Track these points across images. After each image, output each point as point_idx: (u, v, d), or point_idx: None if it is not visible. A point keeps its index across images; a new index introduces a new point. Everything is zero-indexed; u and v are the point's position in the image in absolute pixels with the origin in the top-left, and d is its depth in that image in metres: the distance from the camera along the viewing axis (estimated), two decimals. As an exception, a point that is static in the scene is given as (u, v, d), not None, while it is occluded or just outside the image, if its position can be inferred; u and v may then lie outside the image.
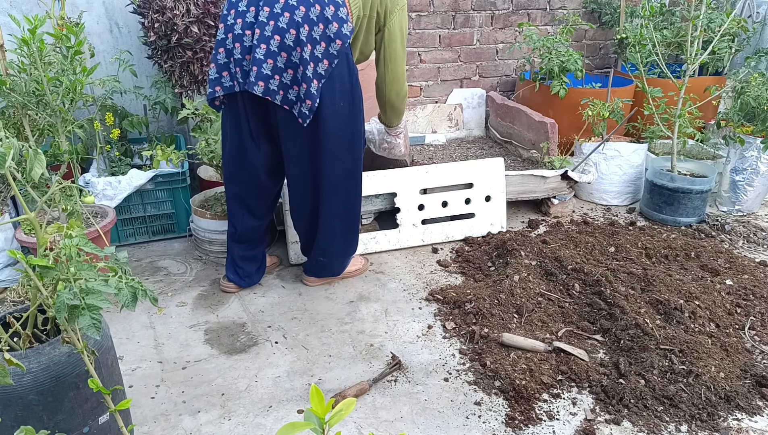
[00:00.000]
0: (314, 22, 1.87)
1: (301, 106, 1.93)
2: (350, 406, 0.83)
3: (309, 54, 1.88)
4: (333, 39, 1.89)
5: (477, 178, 2.84)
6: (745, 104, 2.96)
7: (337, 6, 1.90)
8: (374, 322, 2.22)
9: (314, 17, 1.87)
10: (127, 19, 3.04)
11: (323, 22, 1.88)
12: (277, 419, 1.73)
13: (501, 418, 1.74)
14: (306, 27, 1.87)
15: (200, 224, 2.67)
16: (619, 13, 3.94)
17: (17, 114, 2.35)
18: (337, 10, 1.89)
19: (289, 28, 1.86)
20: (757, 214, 3.21)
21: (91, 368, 1.17)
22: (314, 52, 1.89)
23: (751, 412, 1.75)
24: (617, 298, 2.19)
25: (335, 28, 1.88)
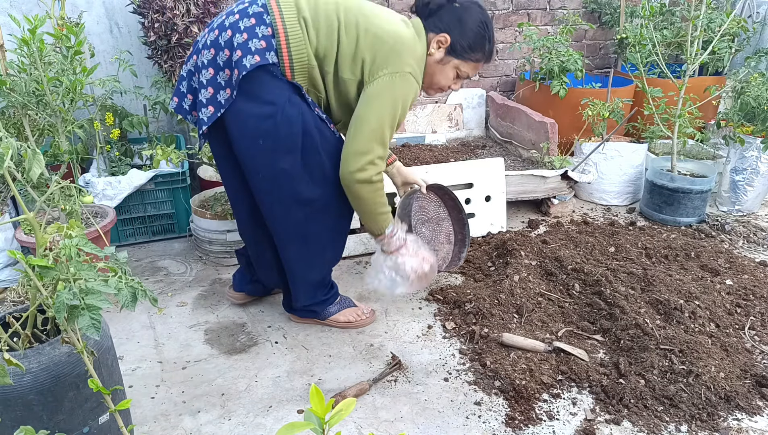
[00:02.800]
0: (221, 48, 1.70)
1: (200, 113, 1.77)
2: (350, 406, 0.83)
3: (210, 77, 1.73)
4: (233, 68, 1.68)
5: (477, 178, 2.83)
6: (745, 104, 2.96)
7: (254, 36, 1.67)
8: (374, 322, 2.22)
9: (223, 42, 1.70)
10: (127, 19, 3.04)
11: (229, 48, 1.68)
12: (277, 419, 1.73)
13: (501, 418, 1.74)
14: (212, 51, 1.72)
15: (200, 224, 2.67)
16: (619, 13, 3.94)
17: (17, 114, 2.35)
18: (249, 39, 1.66)
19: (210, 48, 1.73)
20: (757, 214, 3.21)
21: (91, 368, 1.17)
22: (216, 78, 1.72)
23: (751, 412, 1.75)
24: (617, 298, 2.19)
25: (237, 56, 1.67)
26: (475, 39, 1.81)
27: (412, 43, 1.76)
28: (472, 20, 1.79)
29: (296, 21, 1.69)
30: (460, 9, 1.80)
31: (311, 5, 1.72)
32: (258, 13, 1.69)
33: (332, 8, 1.73)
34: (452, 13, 1.80)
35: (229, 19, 1.71)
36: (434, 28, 1.80)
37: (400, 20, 1.82)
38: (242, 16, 1.69)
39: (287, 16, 1.69)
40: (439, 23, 1.80)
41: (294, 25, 1.68)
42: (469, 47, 1.81)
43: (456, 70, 1.85)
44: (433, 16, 1.82)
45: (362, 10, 1.75)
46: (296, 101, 1.74)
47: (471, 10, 1.81)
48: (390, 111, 1.72)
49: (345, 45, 1.72)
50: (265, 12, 1.69)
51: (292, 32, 1.68)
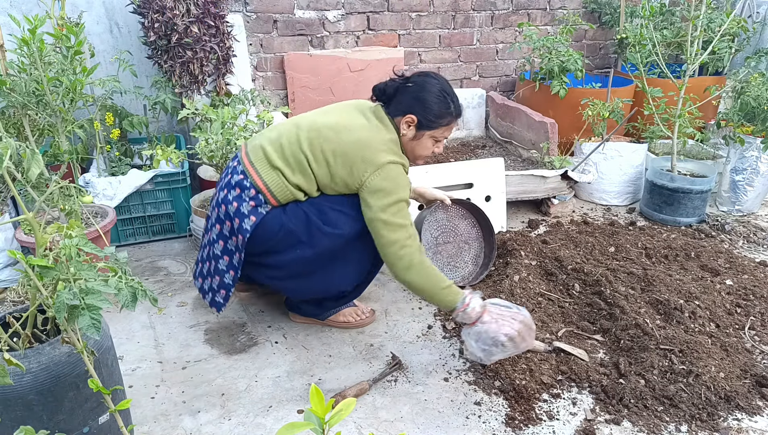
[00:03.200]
0: (222, 221, 1.93)
1: (214, 296, 2.01)
2: (350, 406, 0.83)
3: (221, 248, 1.95)
4: (236, 234, 1.89)
5: (477, 178, 2.83)
6: (745, 104, 2.96)
7: (242, 202, 1.86)
8: (374, 322, 2.22)
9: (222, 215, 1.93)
10: (127, 19, 3.04)
11: (228, 219, 1.90)
12: (277, 419, 1.73)
13: (501, 418, 1.74)
14: (218, 226, 1.95)
15: (200, 224, 2.66)
16: (619, 13, 3.94)
17: (17, 114, 2.35)
18: (240, 205, 1.86)
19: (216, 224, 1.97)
20: (757, 214, 3.21)
21: (91, 368, 1.17)
22: (227, 246, 1.94)
23: (751, 412, 1.75)
24: (617, 298, 2.19)
25: (236, 224, 1.88)
26: (438, 108, 1.86)
27: (377, 136, 1.84)
28: (430, 94, 1.86)
29: (271, 170, 1.86)
30: (415, 87, 1.87)
31: (277, 147, 1.87)
32: (239, 181, 1.88)
33: (296, 144, 1.85)
34: (409, 94, 1.87)
35: (220, 195, 1.93)
36: (398, 112, 1.88)
37: (359, 116, 1.90)
38: (228, 189, 1.90)
39: (262, 171, 1.86)
40: (400, 106, 1.88)
41: (271, 175, 1.85)
42: (435, 117, 1.87)
43: (432, 138, 1.91)
44: (393, 101, 1.90)
45: (322, 133, 1.85)
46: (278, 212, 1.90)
47: (426, 84, 1.87)
48: (390, 199, 1.79)
49: (320, 174, 1.85)
50: (244, 176, 1.88)
51: (272, 182, 1.85)
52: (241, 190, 1.87)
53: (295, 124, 1.91)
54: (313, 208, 1.89)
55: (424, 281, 1.80)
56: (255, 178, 1.86)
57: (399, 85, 1.90)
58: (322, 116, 1.92)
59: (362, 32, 3.64)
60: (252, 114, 3.02)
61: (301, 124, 1.89)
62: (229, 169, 1.96)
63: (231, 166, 1.97)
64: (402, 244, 1.79)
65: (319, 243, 1.88)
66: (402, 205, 1.82)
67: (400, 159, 1.86)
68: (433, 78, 1.90)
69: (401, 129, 1.89)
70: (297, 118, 1.95)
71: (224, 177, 1.97)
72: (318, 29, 3.51)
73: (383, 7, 3.63)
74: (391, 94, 1.90)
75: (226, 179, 1.93)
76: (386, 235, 1.79)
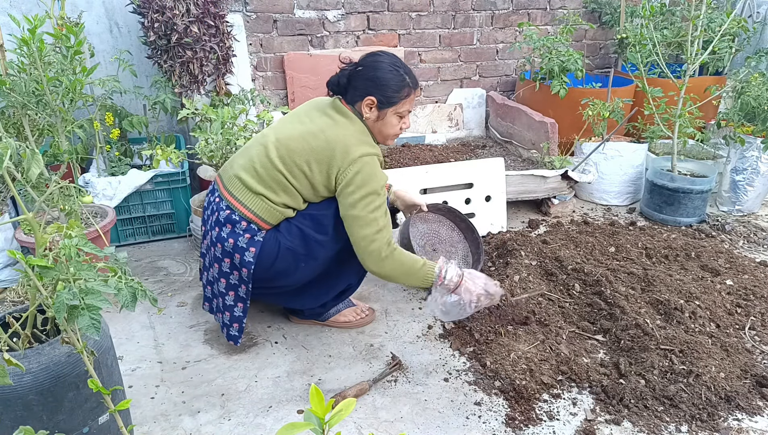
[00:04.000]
0: (221, 259, 1.92)
1: (228, 330, 2.00)
2: (350, 407, 0.83)
3: (224, 286, 1.95)
4: (240, 268, 1.89)
5: (477, 178, 2.83)
6: (746, 104, 2.95)
7: (238, 237, 1.86)
8: (374, 322, 2.22)
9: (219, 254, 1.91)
10: (126, 18, 3.04)
11: (228, 256, 1.90)
12: (277, 419, 1.73)
13: (501, 418, 1.74)
14: (216, 265, 1.94)
15: (200, 224, 2.66)
16: (619, 13, 3.94)
17: (17, 114, 2.35)
18: (236, 241, 1.86)
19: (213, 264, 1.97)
20: (757, 214, 3.20)
21: (91, 368, 1.17)
22: (230, 281, 1.93)
23: (751, 413, 1.74)
24: (617, 298, 2.19)
25: (237, 259, 1.87)
26: (394, 83, 1.85)
27: (344, 132, 1.84)
28: (382, 71, 1.84)
29: (254, 197, 1.86)
30: (366, 69, 1.86)
31: (253, 174, 1.87)
32: (227, 216, 1.87)
33: (269, 165, 1.84)
34: (362, 77, 1.86)
35: (212, 235, 1.91)
36: (356, 98, 1.88)
37: (321, 116, 1.89)
38: (220, 227, 1.89)
39: (246, 201, 1.86)
40: (356, 92, 1.87)
41: (256, 202, 1.86)
42: (393, 92, 1.85)
43: (396, 115, 1.90)
44: (348, 90, 1.89)
45: (290, 146, 1.84)
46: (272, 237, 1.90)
47: (375, 63, 1.86)
48: (361, 193, 1.80)
49: (301, 187, 1.86)
50: (231, 211, 1.87)
51: (259, 209, 1.86)
52: (232, 226, 1.86)
53: (262, 144, 1.89)
54: (304, 220, 1.90)
55: (398, 268, 1.86)
56: (242, 209, 1.85)
57: (350, 71, 1.87)
58: (285, 128, 1.90)
59: (362, 32, 3.63)
60: (252, 114, 3.02)
61: (268, 144, 1.87)
62: (212, 206, 1.94)
63: (213, 201, 1.95)
64: (371, 238, 1.81)
65: (319, 253, 1.91)
66: (372, 198, 1.81)
67: (372, 148, 1.86)
68: (381, 54, 1.89)
69: (363, 113, 1.87)
70: (261, 137, 1.92)
71: (209, 215, 1.95)
72: (318, 29, 3.51)
73: (383, 7, 3.63)
74: (344, 83, 1.88)
75: (214, 217, 1.91)
76: (356, 232, 1.82)
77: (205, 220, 2.01)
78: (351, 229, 1.83)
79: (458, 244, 2.52)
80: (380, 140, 1.95)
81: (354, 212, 1.80)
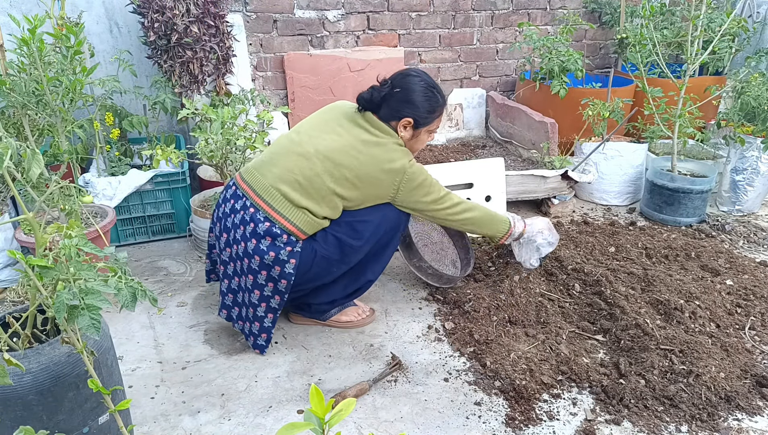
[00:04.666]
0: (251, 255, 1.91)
1: (255, 339, 2.01)
2: (350, 407, 0.83)
3: (258, 297, 1.95)
4: (277, 280, 1.91)
5: (477, 178, 2.83)
6: (746, 104, 2.95)
7: (277, 250, 1.86)
8: (374, 322, 2.22)
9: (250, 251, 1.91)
10: (126, 18, 3.04)
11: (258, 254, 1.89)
12: (277, 419, 1.73)
13: (501, 418, 1.74)
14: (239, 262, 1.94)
15: (200, 224, 2.66)
16: (619, 13, 3.93)
17: (17, 114, 2.35)
18: (277, 254, 1.86)
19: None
20: (757, 214, 3.20)
21: (91, 368, 1.17)
22: (263, 293, 1.93)
23: (751, 413, 1.74)
24: (617, 298, 2.18)
25: (277, 272, 1.88)
26: (429, 105, 1.93)
27: (387, 145, 1.91)
28: (417, 94, 1.91)
29: (297, 211, 1.86)
30: (402, 92, 1.91)
31: (296, 186, 1.86)
32: (267, 229, 1.85)
33: (317, 179, 1.86)
34: (398, 99, 1.91)
35: (249, 246, 1.87)
36: (392, 118, 1.93)
37: (357, 128, 1.92)
38: (258, 239, 1.86)
39: (289, 214, 1.86)
40: (392, 112, 1.92)
41: (298, 216, 1.87)
42: (428, 113, 1.94)
43: (427, 132, 2.01)
44: (382, 107, 1.93)
45: (336, 160, 1.86)
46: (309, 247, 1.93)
47: (410, 85, 1.91)
48: (426, 189, 1.97)
49: (351, 198, 1.91)
50: (271, 224, 1.85)
51: (302, 222, 1.87)
52: (272, 239, 1.85)
53: (300, 155, 1.88)
54: (339, 228, 1.93)
55: (483, 214, 2.12)
56: (284, 223, 1.85)
57: (386, 92, 1.91)
58: (321, 139, 1.90)
59: (362, 32, 3.63)
60: (252, 114, 3.02)
61: (308, 154, 1.87)
62: (241, 216, 1.89)
63: (240, 210, 1.90)
64: (457, 201, 2.04)
65: (352, 258, 1.98)
66: (434, 184, 2.00)
67: (410, 154, 1.97)
68: (415, 76, 1.93)
69: (399, 131, 1.95)
70: (295, 146, 1.91)
71: (238, 224, 1.90)
72: (318, 29, 3.51)
73: (383, 7, 3.63)
74: (378, 102, 1.91)
75: (249, 229, 1.87)
76: (445, 208, 2.02)
77: (228, 228, 1.94)
78: (441, 211, 2.01)
79: (447, 249, 2.57)
80: None
81: (435, 205, 1.99)
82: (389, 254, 2.11)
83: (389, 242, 2.06)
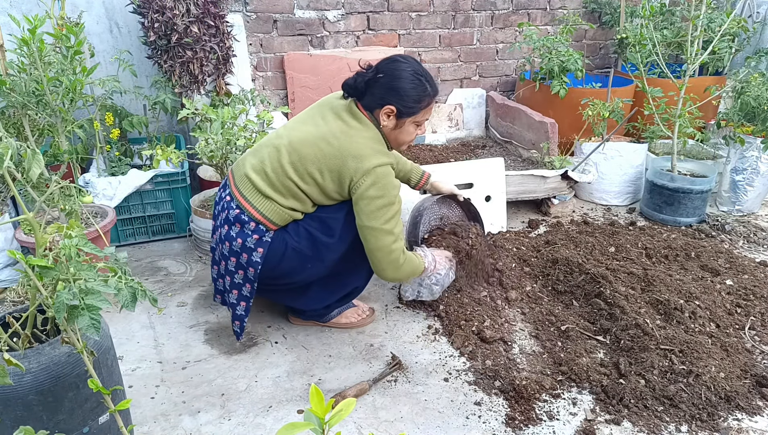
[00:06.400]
0: (228, 257, 1.93)
1: (233, 326, 2.03)
2: (350, 406, 0.83)
3: (229, 283, 1.97)
4: (246, 268, 1.91)
5: (477, 178, 2.83)
6: (746, 104, 2.95)
7: (246, 237, 1.86)
8: (374, 322, 2.22)
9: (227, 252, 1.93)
10: (126, 18, 3.04)
11: (234, 256, 1.91)
12: (277, 419, 1.73)
13: (501, 418, 1.74)
14: (223, 263, 1.97)
15: (200, 224, 2.66)
16: (619, 13, 3.93)
17: (17, 114, 2.35)
18: (244, 241, 1.87)
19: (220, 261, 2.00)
20: (757, 214, 3.20)
21: (91, 368, 1.17)
22: (234, 280, 1.95)
23: (751, 412, 1.74)
24: (617, 299, 2.18)
25: (244, 259, 1.89)
26: (416, 93, 1.80)
27: (359, 139, 1.81)
28: (403, 80, 1.79)
29: (264, 199, 1.86)
30: (387, 77, 1.80)
31: (263, 176, 1.86)
32: (237, 216, 1.87)
33: (280, 171, 1.84)
34: (382, 86, 1.80)
35: (222, 232, 1.92)
36: (374, 105, 1.83)
37: (335, 119, 1.85)
38: (229, 226, 1.89)
39: (256, 203, 1.86)
40: (375, 99, 1.82)
41: (265, 205, 1.86)
42: (414, 102, 1.81)
43: (413, 123, 1.88)
44: (366, 95, 1.83)
45: (302, 153, 1.82)
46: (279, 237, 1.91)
47: (397, 71, 1.80)
48: (377, 204, 1.80)
49: (311, 193, 1.86)
50: (240, 211, 1.87)
51: (268, 211, 1.86)
52: (241, 226, 1.87)
53: (274, 146, 1.87)
54: (312, 223, 1.91)
55: (409, 270, 1.97)
56: (251, 211, 1.86)
57: (369, 78, 1.81)
58: (298, 130, 1.87)
59: (362, 32, 3.63)
60: (252, 114, 3.02)
61: (281, 147, 1.85)
62: (222, 203, 1.95)
63: (223, 198, 1.95)
64: (389, 249, 1.86)
65: (326, 255, 1.92)
66: (388, 209, 1.82)
67: (386, 158, 1.84)
68: (403, 62, 1.82)
69: (381, 120, 1.84)
70: (276, 138, 1.90)
71: (220, 211, 1.96)
72: (318, 29, 3.51)
73: (383, 7, 3.63)
74: (362, 88, 1.82)
75: (224, 214, 1.92)
76: (373, 243, 1.85)
77: (215, 215, 2.01)
78: (368, 239, 1.85)
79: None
80: (394, 146, 1.94)
81: (370, 223, 1.81)
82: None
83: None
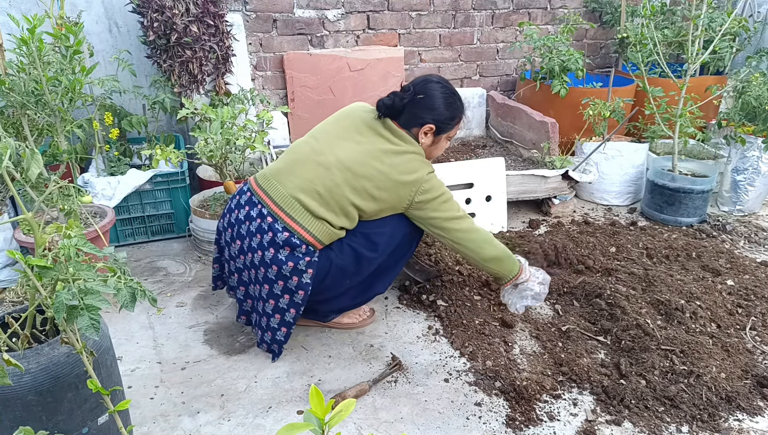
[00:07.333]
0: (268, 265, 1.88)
1: (269, 346, 2.00)
2: (350, 407, 0.83)
3: (272, 307, 1.93)
4: (294, 291, 1.88)
5: (477, 178, 2.83)
6: (746, 104, 2.95)
7: (296, 260, 1.84)
8: (374, 323, 2.21)
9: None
10: (126, 18, 3.03)
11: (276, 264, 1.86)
12: (277, 420, 1.73)
13: (501, 418, 1.73)
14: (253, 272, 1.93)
15: (199, 224, 2.66)
16: (619, 13, 3.93)
17: (16, 114, 2.35)
18: (296, 264, 1.84)
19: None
20: (758, 214, 3.20)
21: (90, 369, 1.17)
22: (278, 304, 1.91)
23: (752, 413, 1.74)
24: (618, 299, 2.18)
25: (295, 282, 1.86)
26: (451, 112, 1.93)
27: (407, 154, 1.89)
28: (439, 101, 1.90)
29: (316, 221, 1.84)
30: (425, 98, 1.90)
31: (315, 196, 1.84)
32: (286, 239, 1.81)
33: (336, 191, 1.84)
34: (420, 106, 1.89)
35: (266, 255, 1.84)
36: (412, 124, 1.91)
37: (377, 137, 1.90)
38: (276, 249, 1.83)
39: (308, 224, 1.83)
40: (414, 118, 1.91)
41: (317, 226, 1.84)
42: (449, 120, 1.94)
43: (446, 138, 2.01)
44: (402, 114, 1.91)
45: (356, 172, 1.84)
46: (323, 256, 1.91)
47: (431, 92, 1.90)
48: (441, 201, 1.93)
49: (367, 209, 1.88)
50: (290, 234, 1.82)
51: (320, 233, 1.85)
52: (291, 249, 1.82)
53: (319, 164, 1.85)
54: (356, 239, 1.93)
55: (503, 247, 2.04)
56: (303, 233, 1.82)
57: (408, 99, 1.89)
58: (341, 147, 1.87)
59: (362, 31, 3.63)
60: (251, 113, 3.02)
61: (329, 164, 1.84)
62: (263, 226, 1.85)
63: (264, 220, 1.85)
64: (475, 227, 1.99)
65: (366, 270, 1.95)
66: (451, 202, 1.96)
67: (430, 166, 1.95)
68: (437, 82, 1.93)
69: (420, 138, 1.93)
70: (316, 155, 1.88)
71: (254, 232, 1.86)
72: (318, 28, 3.50)
73: (383, 7, 3.62)
74: (399, 108, 1.89)
75: (267, 237, 1.83)
76: (460, 232, 1.95)
77: (242, 235, 1.90)
78: (453, 231, 1.94)
79: None
80: (428, 159, 2.02)
81: (449, 215, 1.93)
82: (400, 267, 2.09)
83: (403, 256, 2.04)
